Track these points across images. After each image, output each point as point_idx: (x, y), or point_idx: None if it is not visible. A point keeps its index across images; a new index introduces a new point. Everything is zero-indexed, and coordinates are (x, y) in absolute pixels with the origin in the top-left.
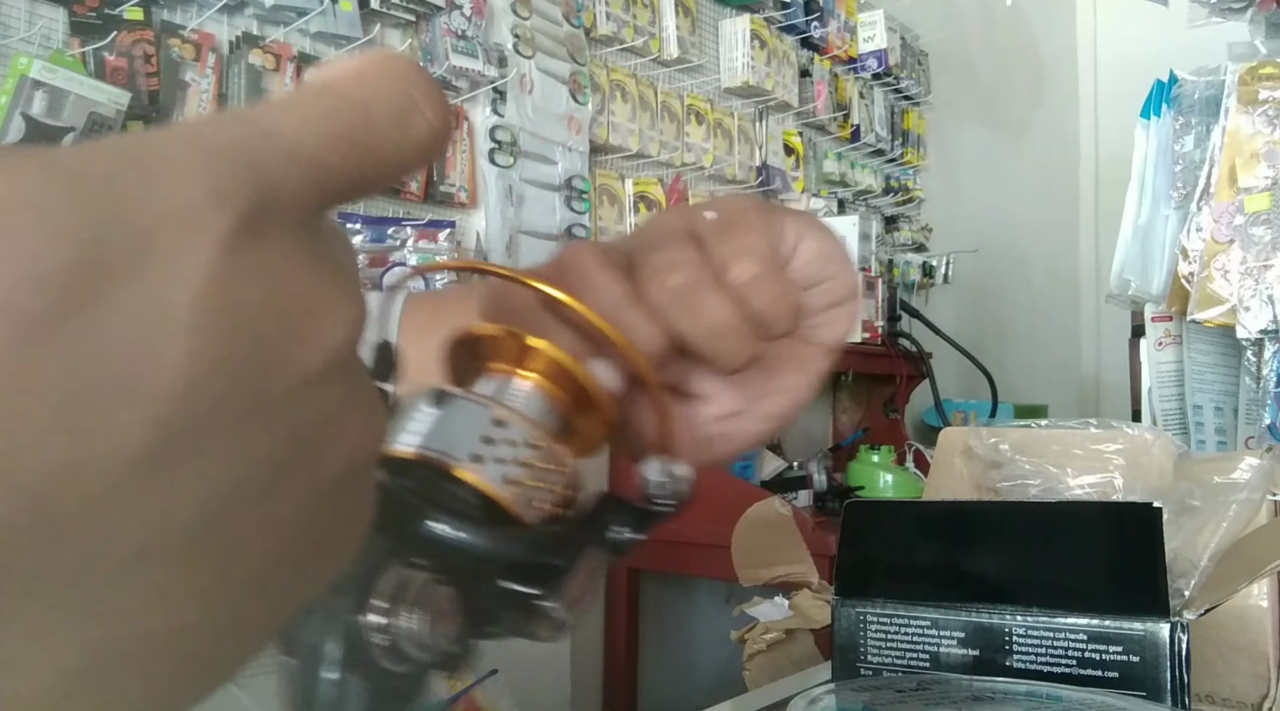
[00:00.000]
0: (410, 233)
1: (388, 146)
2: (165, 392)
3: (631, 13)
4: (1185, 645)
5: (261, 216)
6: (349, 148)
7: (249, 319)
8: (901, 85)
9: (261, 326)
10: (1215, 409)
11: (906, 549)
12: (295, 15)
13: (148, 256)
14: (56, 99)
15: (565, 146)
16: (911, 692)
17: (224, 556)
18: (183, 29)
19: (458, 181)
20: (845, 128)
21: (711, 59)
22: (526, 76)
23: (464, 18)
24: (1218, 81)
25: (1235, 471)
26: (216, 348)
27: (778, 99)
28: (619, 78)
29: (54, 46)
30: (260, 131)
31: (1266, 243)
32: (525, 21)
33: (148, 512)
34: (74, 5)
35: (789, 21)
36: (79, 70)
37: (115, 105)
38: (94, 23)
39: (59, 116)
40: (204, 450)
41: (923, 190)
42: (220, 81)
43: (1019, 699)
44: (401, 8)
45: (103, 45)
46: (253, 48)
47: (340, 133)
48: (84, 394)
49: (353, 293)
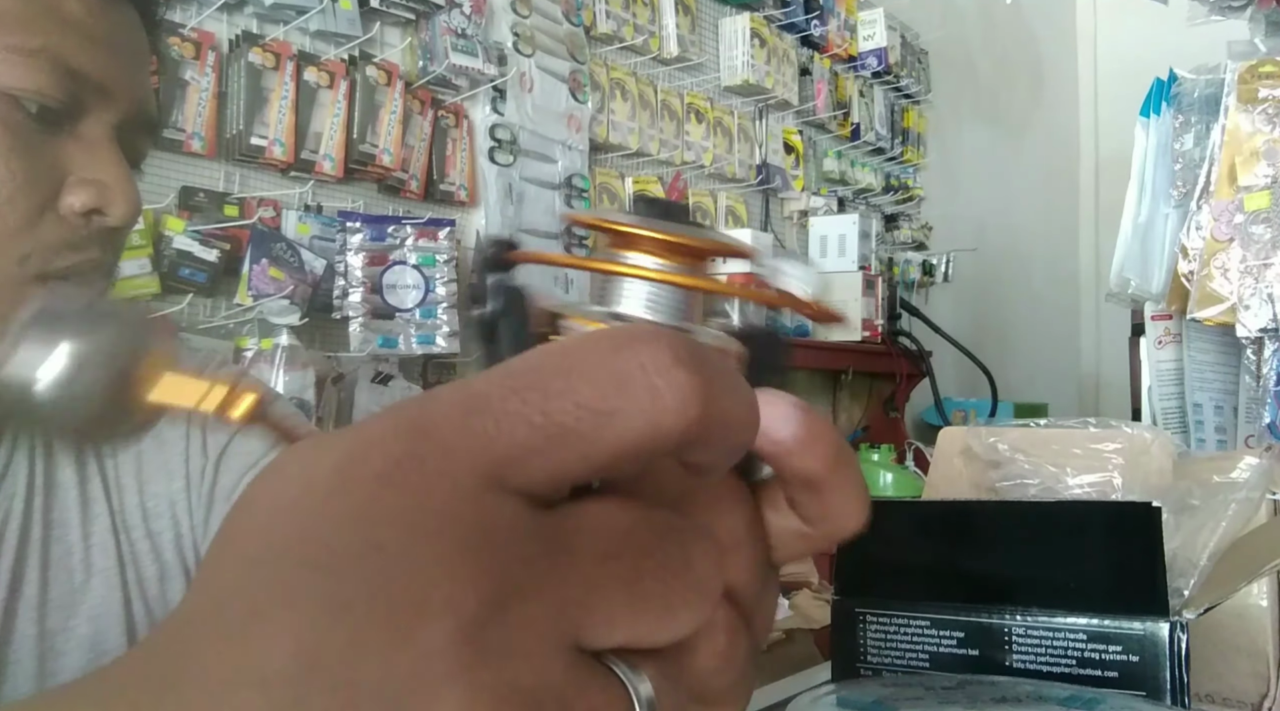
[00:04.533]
0: (410, 231)
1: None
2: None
3: (631, 11)
4: (1185, 644)
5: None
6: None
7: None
8: (901, 84)
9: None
10: (1215, 407)
11: (906, 549)
12: (295, 13)
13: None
14: None
15: (565, 145)
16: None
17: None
18: (182, 27)
19: (457, 180)
20: (845, 126)
21: (711, 57)
22: (526, 75)
23: (464, 16)
24: (1217, 80)
25: (1235, 470)
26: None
27: (778, 97)
28: (619, 76)
29: None
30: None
31: (1266, 241)
32: (525, 20)
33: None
34: None
35: (789, 20)
36: None
37: None
38: None
39: None
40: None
41: (923, 188)
42: (220, 80)
43: (1055, 703)
44: (401, 6)
45: None
46: (252, 46)
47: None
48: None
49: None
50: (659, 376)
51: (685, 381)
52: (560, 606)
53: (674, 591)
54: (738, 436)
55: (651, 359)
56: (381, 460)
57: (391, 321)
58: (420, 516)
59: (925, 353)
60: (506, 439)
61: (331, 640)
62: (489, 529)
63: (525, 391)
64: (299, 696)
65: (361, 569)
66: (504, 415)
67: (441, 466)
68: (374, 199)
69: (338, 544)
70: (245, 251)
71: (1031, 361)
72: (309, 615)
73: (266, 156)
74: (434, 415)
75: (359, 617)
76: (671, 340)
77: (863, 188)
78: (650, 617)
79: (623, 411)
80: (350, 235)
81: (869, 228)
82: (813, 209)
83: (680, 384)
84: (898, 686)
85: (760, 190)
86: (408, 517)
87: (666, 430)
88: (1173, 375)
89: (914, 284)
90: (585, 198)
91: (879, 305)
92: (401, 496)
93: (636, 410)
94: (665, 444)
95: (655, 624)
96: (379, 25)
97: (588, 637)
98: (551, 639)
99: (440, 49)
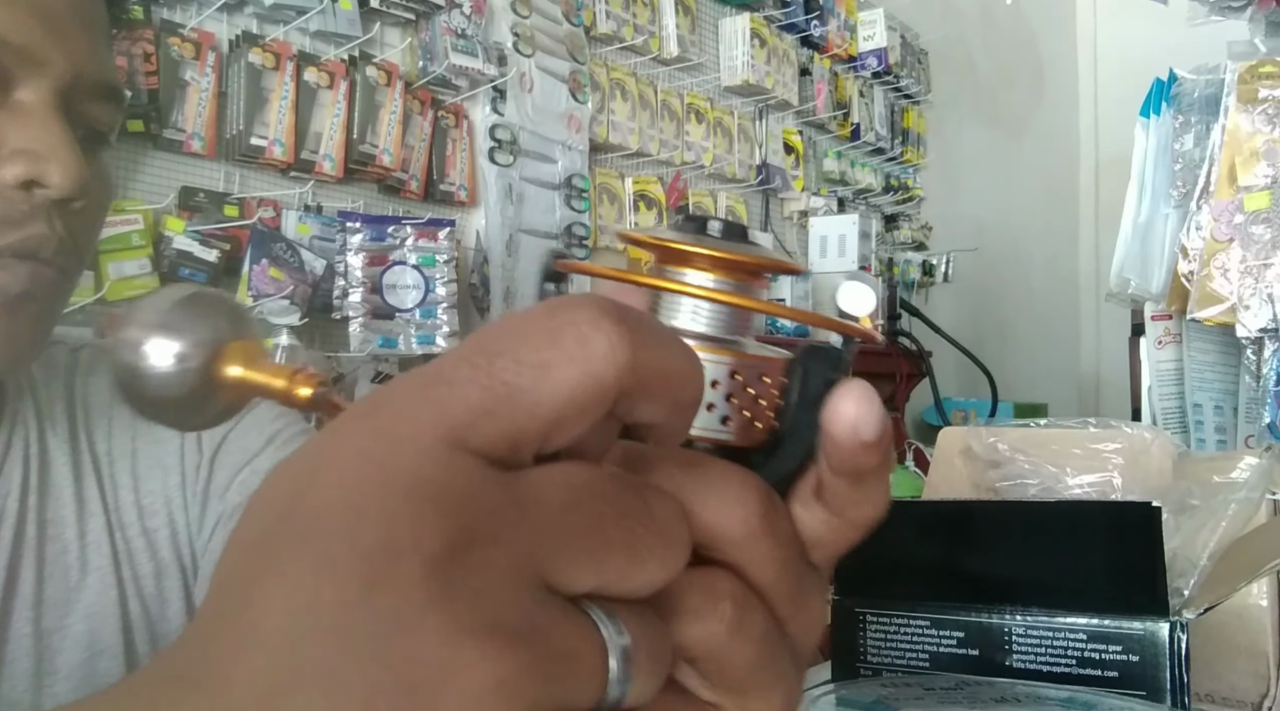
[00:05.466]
0: (410, 231)
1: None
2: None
3: (631, 11)
4: (1185, 644)
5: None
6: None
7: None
8: (901, 84)
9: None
10: (1215, 407)
11: (906, 549)
12: (295, 14)
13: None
14: None
15: (565, 145)
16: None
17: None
18: (182, 28)
19: (457, 180)
20: (845, 126)
21: (711, 58)
22: (526, 75)
23: (464, 16)
24: (1217, 80)
25: (1235, 470)
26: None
27: (777, 97)
28: (619, 76)
29: None
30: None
31: (1266, 241)
32: (525, 20)
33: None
34: None
35: (789, 20)
36: None
37: None
38: None
39: None
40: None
41: (922, 189)
42: (220, 80)
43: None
44: (401, 6)
45: None
46: (252, 46)
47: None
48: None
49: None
50: (588, 327)
51: (612, 329)
52: (524, 549)
53: (637, 537)
54: (678, 389)
55: (582, 315)
56: (357, 436)
57: (391, 321)
58: (390, 478)
59: (925, 353)
60: (460, 403)
61: (319, 596)
62: (451, 483)
63: (473, 357)
64: (295, 650)
65: (341, 529)
66: (456, 381)
67: (405, 432)
68: (374, 199)
69: (322, 513)
70: (245, 251)
71: (1031, 361)
72: (297, 578)
73: (266, 156)
74: (399, 391)
75: (341, 572)
76: (601, 300)
77: (863, 188)
78: (615, 561)
79: (557, 362)
80: (350, 235)
81: (869, 228)
82: (813, 209)
83: (607, 331)
84: (898, 686)
85: (760, 190)
86: (379, 481)
87: (600, 375)
88: (1173, 375)
89: (914, 284)
90: (585, 198)
91: (879, 305)
92: (373, 465)
93: (569, 359)
94: (603, 391)
95: (622, 568)
96: (379, 25)
97: (555, 579)
98: (517, 578)
99: (440, 49)
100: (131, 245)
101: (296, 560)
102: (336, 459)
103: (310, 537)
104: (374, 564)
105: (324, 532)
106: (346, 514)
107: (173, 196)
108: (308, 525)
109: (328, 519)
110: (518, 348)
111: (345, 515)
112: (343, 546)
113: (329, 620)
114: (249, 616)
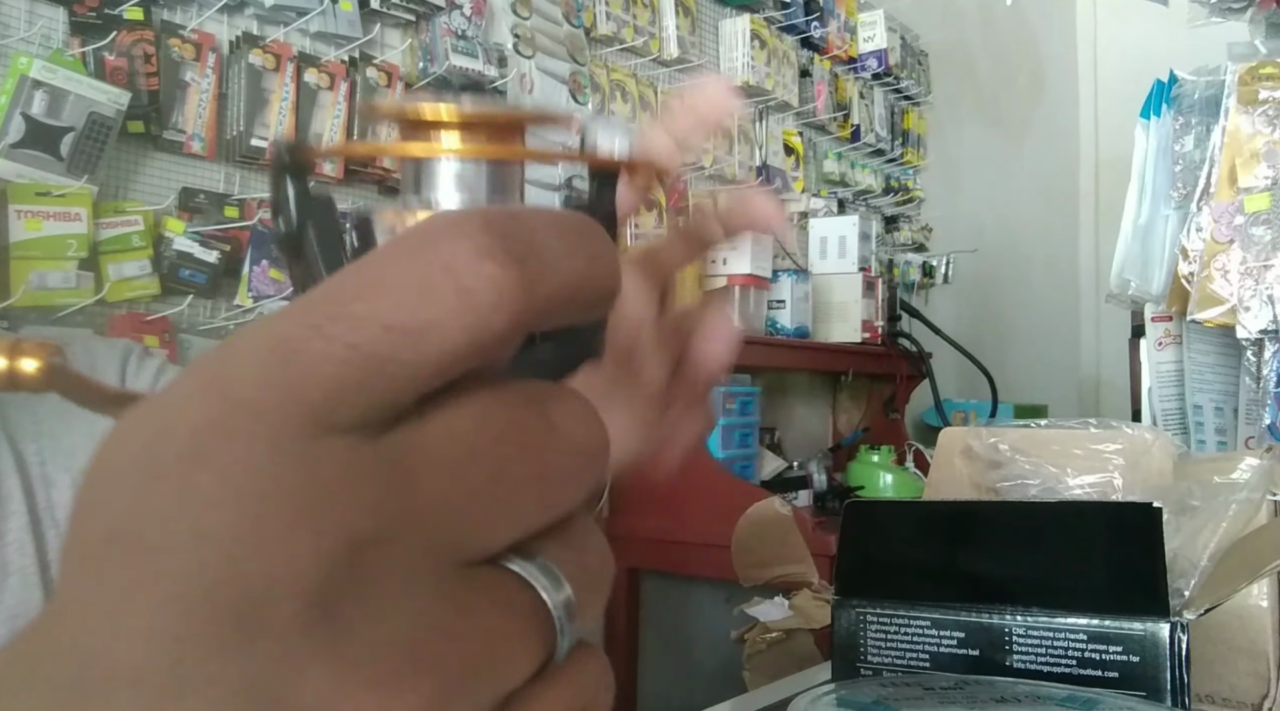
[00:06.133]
0: None
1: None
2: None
3: (631, 12)
4: (1185, 645)
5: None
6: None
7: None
8: (901, 85)
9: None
10: (1215, 409)
11: (906, 549)
12: (295, 15)
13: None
14: (56, 99)
15: (565, 146)
16: (945, 691)
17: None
18: (183, 29)
19: None
20: (845, 128)
21: (711, 59)
22: (526, 76)
23: (464, 17)
24: (1218, 81)
25: (1235, 471)
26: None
27: (778, 99)
28: (619, 78)
29: (54, 46)
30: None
31: (1266, 242)
32: (525, 21)
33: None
34: (74, 5)
35: (789, 21)
36: (79, 70)
37: (115, 105)
38: (94, 22)
39: (59, 116)
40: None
41: (923, 190)
42: (220, 81)
43: (1054, 703)
44: (401, 7)
45: (103, 45)
46: (252, 47)
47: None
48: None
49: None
50: (466, 275)
51: (497, 273)
52: (424, 535)
53: (547, 463)
54: (592, 300)
55: (454, 256)
56: (186, 433)
57: None
58: (240, 492)
59: (925, 354)
60: (317, 383)
61: (185, 637)
62: (319, 486)
63: (327, 324)
64: (173, 695)
65: (193, 564)
66: (308, 357)
67: (252, 428)
68: (374, 200)
69: (166, 536)
70: (245, 253)
71: (1031, 362)
72: (154, 611)
73: (267, 158)
74: (233, 371)
75: (203, 615)
76: (472, 228)
77: (863, 189)
78: (530, 503)
79: (435, 324)
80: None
81: (869, 229)
82: (813, 210)
83: (492, 276)
84: (898, 686)
85: (760, 191)
86: (227, 496)
87: (490, 329)
88: (1173, 376)
89: (914, 285)
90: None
91: (879, 307)
92: (215, 475)
93: (450, 319)
94: (496, 338)
95: (540, 504)
96: (379, 27)
97: (468, 550)
98: (420, 577)
99: (440, 50)
100: (132, 246)
101: (150, 590)
102: (170, 463)
103: (162, 566)
104: (240, 611)
105: (174, 565)
106: (196, 544)
107: (173, 198)
108: (156, 545)
109: (175, 546)
110: (382, 308)
111: (195, 546)
112: (197, 588)
113: (202, 671)
114: (117, 644)
